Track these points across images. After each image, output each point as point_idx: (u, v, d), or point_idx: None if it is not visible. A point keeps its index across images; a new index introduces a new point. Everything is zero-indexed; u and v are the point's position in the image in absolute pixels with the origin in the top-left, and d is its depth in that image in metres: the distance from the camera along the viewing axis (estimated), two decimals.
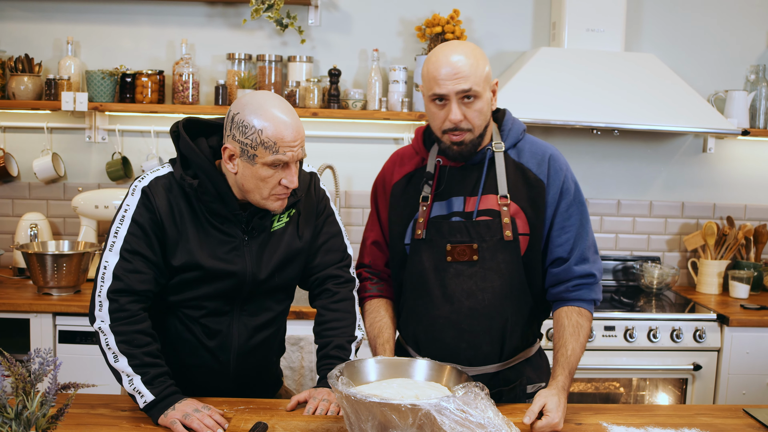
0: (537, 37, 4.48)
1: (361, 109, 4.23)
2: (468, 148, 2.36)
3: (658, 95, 4.09)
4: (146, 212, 2.24)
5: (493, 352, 2.44)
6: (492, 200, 2.40)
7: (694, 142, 4.66)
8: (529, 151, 2.47)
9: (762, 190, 4.73)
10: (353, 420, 1.97)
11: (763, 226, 4.59)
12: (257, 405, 2.33)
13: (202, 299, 2.34)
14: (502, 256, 2.39)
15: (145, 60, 4.29)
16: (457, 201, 2.43)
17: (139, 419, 2.19)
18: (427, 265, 2.42)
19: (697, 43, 4.59)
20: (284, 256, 2.39)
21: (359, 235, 4.43)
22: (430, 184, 2.44)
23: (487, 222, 2.38)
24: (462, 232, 2.39)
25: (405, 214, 2.47)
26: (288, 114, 2.19)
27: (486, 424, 1.86)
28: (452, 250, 2.39)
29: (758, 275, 4.48)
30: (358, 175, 4.45)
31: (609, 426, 2.25)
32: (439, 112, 2.32)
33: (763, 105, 4.56)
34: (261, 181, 2.21)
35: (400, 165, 2.55)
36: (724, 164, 4.70)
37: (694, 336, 3.91)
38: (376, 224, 2.60)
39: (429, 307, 2.43)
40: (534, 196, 2.41)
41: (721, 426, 2.30)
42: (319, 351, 2.42)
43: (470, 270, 2.39)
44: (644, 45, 4.54)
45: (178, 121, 2.32)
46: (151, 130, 4.26)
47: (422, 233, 2.42)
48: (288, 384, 3.45)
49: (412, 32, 4.36)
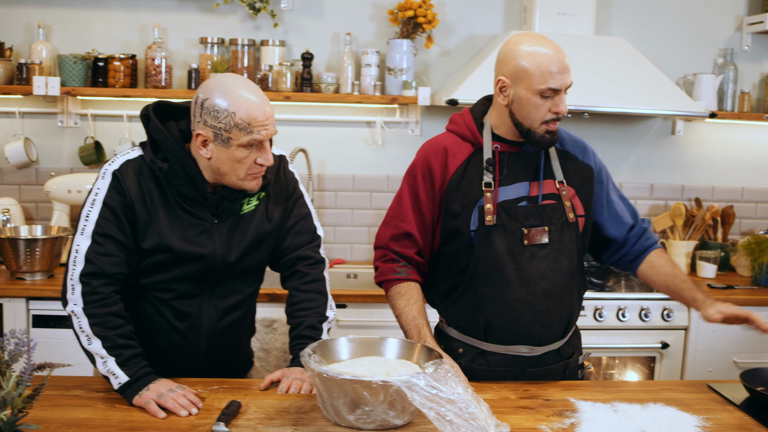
0: (508, 21, 4.51)
1: (334, 93, 4.25)
2: (556, 136, 2.48)
3: (627, 78, 4.14)
4: (117, 195, 2.26)
5: (560, 329, 2.55)
6: (551, 185, 2.53)
7: (663, 124, 4.72)
8: (570, 140, 2.63)
9: (729, 172, 4.80)
10: (325, 397, 2.01)
11: (730, 207, 4.66)
12: (231, 385, 2.35)
13: (171, 282, 2.36)
14: (567, 236, 2.50)
15: (117, 44, 4.28)
16: (522, 186, 2.51)
17: (114, 400, 2.21)
18: (500, 250, 2.46)
19: (666, 26, 4.64)
20: (254, 239, 2.41)
21: (333, 218, 4.47)
22: (492, 170, 2.49)
23: (553, 205, 2.49)
24: (534, 215, 2.47)
25: (468, 202, 2.49)
26: (256, 94, 2.22)
27: (455, 400, 1.90)
28: (528, 233, 2.46)
29: (725, 255, 4.55)
30: (331, 159, 4.47)
31: (577, 401, 2.30)
32: (544, 104, 2.40)
33: (730, 88, 4.62)
34: (237, 162, 2.24)
35: (452, 155, 2.54)
36: (692, 146, 4.76)
37: (662, 315, 3.97)
38: (415, 215, 2.57)
39: (505, 291, 2.47)
40: (585, 180, 2.58)
41: (685, 400, 2.35)
42: (292, 331, 2.45)
43: (543, 252, 2.47)
44: (614, 29, 4.58)
45: (148, 105, 2.33)
46: (124, 115, 4.25)
47: (493, 219, 2.45)
48: (262, 366, 3.48)
49: (385, 16, 4.38)
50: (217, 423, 1.99)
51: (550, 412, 2.22)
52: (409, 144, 4.50)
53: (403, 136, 4.49)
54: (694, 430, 2.13)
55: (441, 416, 1.87)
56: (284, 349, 3.51)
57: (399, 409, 1.97)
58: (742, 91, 4.64)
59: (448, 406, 1.88)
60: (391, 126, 4.48)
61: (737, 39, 4.70)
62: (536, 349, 2.51)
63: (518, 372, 2.52)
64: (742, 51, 4.69)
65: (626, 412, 2.22)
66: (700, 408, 2.30)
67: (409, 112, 4.45)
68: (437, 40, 4.44)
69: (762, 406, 2.32)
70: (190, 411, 2.13)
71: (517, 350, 2.50)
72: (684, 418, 2.20)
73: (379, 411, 1.96)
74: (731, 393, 2.42)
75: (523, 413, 2.21)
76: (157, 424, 2.07)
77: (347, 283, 4.35)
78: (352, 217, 4.52)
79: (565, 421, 2.16)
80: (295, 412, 2.12)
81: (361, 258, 4.56)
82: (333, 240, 4.52)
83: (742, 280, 4.42)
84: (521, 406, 2.26)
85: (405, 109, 4.45)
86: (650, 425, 2.13)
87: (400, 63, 4.24)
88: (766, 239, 4.29)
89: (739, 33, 4.70)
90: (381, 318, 3.80)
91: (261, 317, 3.47)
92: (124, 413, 2.14)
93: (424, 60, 4.46)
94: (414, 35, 4.28)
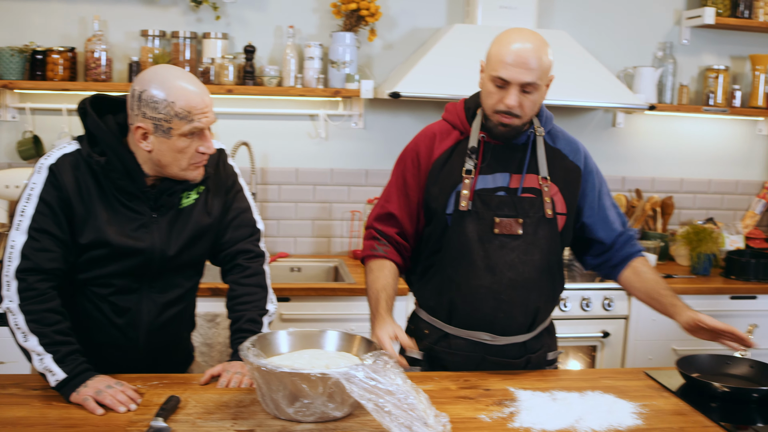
0: (451, 14, 4.53)
1: (277, 86, 4.23)
2: (512, 133, 2.47)
3: (569, 71, 4.17)
4: (53, 190, 2.23)
5: (526, 323, 2.55)
6: (533, 179, 2.53)
7: (604, 116, 4.78)
8: (563, 138, 2.63)
9: (669, 163, 4.88)
10: (265, 391, 2.01)
11: (669, 198, 4.74)
12: (171, 380, 2.34)
13: (110, 277, 2.33)
14: (542, 232, 2.50)
15: (56, 37, 4.21)
16: (502, 176, 2.52)
17: (51, 398, 2.18)
18: (471, 236, 2.48)
19: (607, 20, 4.70)
20: (193, 233, 2.40)
21: (276, 211, 4.46)
22: (474, 158, 2.51)
23: (531, 199, 2.50)
24: (509, 206, 2.49)
25: (447, 186, 2.52)
26: (193, 83, 2.22)
27: (394, 391, 1.91)
28: (499, 223, 2.47)
29: (665, 245, 4.63)
30: (274, 152, 4.45)
31: (516, 391, 2.32)
32: (496, 93, 2.41)
33: (670, 81, 4.70)
34: (179, 152, 2.22)
35: (439, 140, 2.58)
36: (632, 138, 4.83)
37: (603, 305, 4.03)
38: (400, 197, 2.61)
39: (470, 276, 2.49)
40: (571, 180, 2.57)
41: (622, 387, 2.39)
42: (232, 325, 2.44)
43: (514, 243, 2.48)
44: (556, 22, 4.63)
45: (85, 98, 2.30)
46: (63, 108, 4.19)
47: (467, 205, 2.48)
48: (205, 360, 3.46)
49: (328, 9, 4.37)
50: (155, 418, 1.98)
51: (490, 402, 2.24)
52: (353, 137, 4.50)
53: (346, 129, 4.49)
54: (630, 416, 2.16)
55: (380, 407, 1.87)
56: (227, 343, 3.48)
57: (338, 401, 1.98)
58: (681, 84, 4.72)
59: (386, 397, 1.89)
60: (334, 119, 4.47)
61: (676, 33, 4.77)
62: (499, 339, 2.53)
63: (479, 359, 2.54)
64: (681, 44, 4.77)
65: (565, 400, 2.25)
66: (637, 395, 2.34)
67: (353, 105, 4.45)
68: (380, 33, 4.44)
69: (697, 392, 2.37)
70: (128, 407, 2.10)
71: (479, 337, 2.52)
72: (621, 405, 2.23)
73: (318, 403, 1.96)
74: (668, 380, 2.46)
75: (462, 403, 2.23)
76: (95, 421, 2.05)
77: (291, 276, 4.34)
78: (295, 210, 4.51)
79: (504, 410, 2.18)
80: (234, 406, 2.11)
81: (305, 251, 4.55)
82: (277, 233, 4.50)
83: (681, 269, 4.50)
84: (461, 396, 2.28)
85: (348, 102, 4.45)
86: (588, 412, 2.16)
87: (343, 56, 4.24)
88: (705, 229, 4.38)
89: (678, 27, 4.77)
90: (324, 311, 3.80)
91: (203, 312, 3.45)
92: (62, 411, 2.11)
93: (367, 53, 4.46)
94: (357, 28, 4.28)
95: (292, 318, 3.79)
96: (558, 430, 2.06)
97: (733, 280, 4.28)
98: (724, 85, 4.71)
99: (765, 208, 4.96)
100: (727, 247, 4.60)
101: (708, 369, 2.50)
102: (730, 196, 4.99)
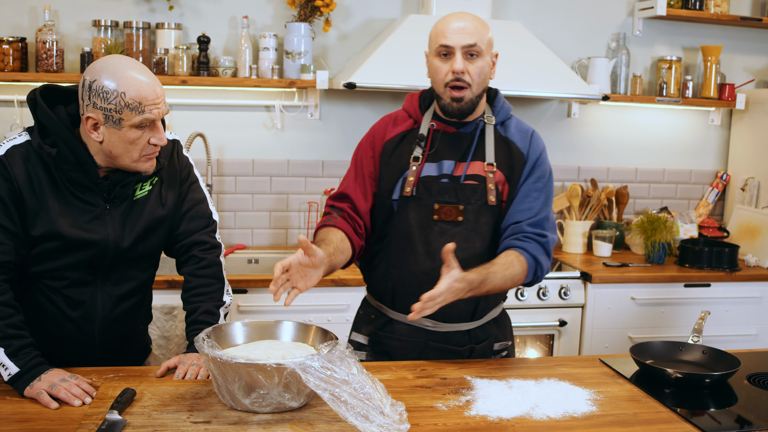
0: (406, 5, 4.53)
1: (232, 77, 4.20)
2: (467, 106, 2.48)
3: (524, 62, 4.20)
4: (3, 182, 2.20)
5: (468, 311, 2.55)
6: (479, 167, 2.53)
7: (559, 107, 4.81)
8: (515, 127, 2.61)
9: (623, 153, 4.93)
10: (221, 382, 2.00)
11: (624, 188, 4.79)
12: (126, 373, 2.32)
13: (63, 269, 2.31)
14: (484, 219, 2.51)
15: (6, 27, 4.14)
16: (448, 164, 2.53)
17: (4, 392, 2.15)
18: (413, 222, 2.50)
19: (561, 11, 4.73)
20: (147, 224, 2.38)
21: (232, 203, 4.43)
22: (423, 145, 2.54)
23: (474, 186, 2.50)
24: (450, 192, 2.49)
25: (395, 171, 2.54)
26: (144, 74, 2.19)
27: (350, 381, 1.91)
28: (439, 209, 2.49)
29: (620, 234, 4.68)
30: (229, 144, 4.42)
31: (473, 379, 2.33)
32: (443, 65, 2.45)
33: (623, 71, 4.74)
34: (130, 144, 2.20)
35: (393, 125, 2.63)
36: (587, 128, 4.87)
37: (560, 293, 4.07)
38: (357, 177, 2.61)
39: (411, 262, 2.51)
40: (515, 166, 2.55)
41: (578, 375, 2.41)
42: (188, 317, 2.43)
43: (454, 230, 2.49)
44: (510, 12, 4.65)
45: (36, 89, 2.27)
46: (14, 99, 4.12)
47: (411, 191, 2.50)
48: (162, 353, 3.44)
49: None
50: (110, 411, 1.95)
51: (447, 390, 2.25)
52: (309, 128, 4.48)
53: (302, 120, 4.48)
54: (585, 402, 2.18)
55: (336, 397, 1.87)
56: (184, 336, 3.48)
57: (294, 392, 1.98)
58: (635, 75, 4.77)
59: (343, 387, 1.89)
60: (290, 110, 4.45)
61: (629, 24, 4.82)
62: (441, 325, 2.54)
63: (422, 345, 2.55)
64: (634, 35, 4.82)
65: (521, 387, 2.27)
66: (592, 382, 2.36)
67: (308, 96, 4.43)
68: (335, 24, 4.43)
69: (651, 378, 2.39)
70: (83, 400, 2.08)
71: (421, 323, 2.54)
72: (576, 392, 2.26)
73: (274, 394, 1.96)
74: (622, 367, 2.49)
75: (419, 392, 2.23)
76: (50, 415, 2.02)
77: (248, 268, 4.33)
78: (252, 202, 4.49)
79: (461, 398, 2.19)
80: (191, 398, 2.10)
81: (263, 243, 4.53)
82: (234, 225, 4.48)
83: (636, 258, 4.55)
84: (418, 385, 2.28)
85: (304, 93, 4.43)
86: (544, 399, 2.18)
87: (298, 46, 4.22)
88: (659, 218, 4.43)
89: (631, 18, 4.82)
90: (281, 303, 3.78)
91: (160, 304, 3.43)
92: (15, 405, 2.08)
93: (322, 44, 4.44)
94: (312, 19, 4.26)
95: (249, 310, 3.77)
96: (514, 417, 2.07)
97: (687, 269, 4.34)
98: (676, 76, 4.76)
99: (718, 197, 5.03)
100: (681, 236, 4.66)
101: (661, 356, 2.54)
102: (683, 185, 5.05)
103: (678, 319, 4.22)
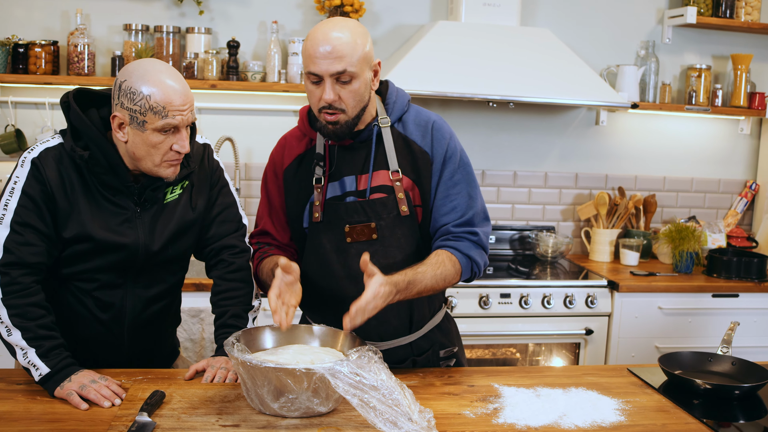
0: (435, 11, 4.53)
1: (261, 82, 4.22)
2: (343, 129, 2.32)
3: (552, 69, 4.20)
4: (36, 184, 2.21)
5: (402, 325, 2.48)
6: (384, 176, 2.39)
7: (587, 114, 4.79)
8: (414, 122, 2.45)
9: (651, 162, 4.91)
10: (249, 386, 2.00)
11: (652, 196, 4.76)
12: (155, 375, 2.33)
13: (94, 272, 2.32)
14: (400, 231, 2.40)
15: (38, 30, 4.19)
16: (349, 180, 2.41)
17: (35, 392, 2.17)
18: (328, 247, 2.42)
19: (590, 18, 4.71)
20: (177, 228, 2.39)
21: None
22: (322, 165, 2.41)
23: (383, 199, 2.37)
24: (359, 212, 2.38)
25: (300, 198, 2.45)
26: (175, 79, 2.19)
27: (379, 386, 1.91)
28: (351, 230, 2.38)
29: (647, 243, 4.65)
30: (257, 148, 4.44)
31: (500, 387, 2.33)
32: (315, 90, 2.28)
33: (652, 79, 4.72)
34: (152, 147, 2.21)
35: (288, 149, 2.51)
36: (615, 136, 4.85)
37: (586, 302, 4.05)
38: (271, 211, 2.55)
39: (335, 288, 2.42)
40: (421, 168, 2.41)
41: (605, 384, 2.40)
42: (217, 320, 2.44)
43: (371, 249, 2.35)
44: (539, 20, 4.64)
45: (69, 92, 2.29)
46: (46, 102, 4.17)
47: (320, 216, 2.40)
48: (189, 356, 3.45)
49: (312, 4, 4.36)
50: (140, 413, 1.97)
51: (474, 398, 2.24)
52: None
53: None
54: (613, 412, 2.17)
55: (365, 403, 1.88)
56: (212, 339, 3.49)
57: (323, 397, 1.98)
58: (664, 83, 4.74)
59: (371, 393, 1.89)
60: None
61: (659, 31, 4.80)
62: (380, 344, 2.46)
63: None
64: (663, 43, 4.80)
65: (548, 396, 2.26)
66: (620, 391, 2.35)
67: None
68: None
69: (680, 388, 2.38)
70: (113, 402, 2.10)
71: None
72: (604, 402, 2.24)
73: (303, 398, 1.96)
74: (650, 377, 2.48)
75: (447, 399, 2.23)
76: (80, 416, 2.04)
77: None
78: None
79: (488, 406, 2.18)
80: (219, 401, 2.11)
81: None
82: None
83: (663, 267, 4.53)
84: (445, 392, 2.28)
85: None
86: (572, 408, 2.17)
87: None
88: (687, 227, 4.40)
89: (660, 26, 4.80)
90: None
91: (188, 307, 3.45)
92: (46, 405, 2.10)
93: None
94: None
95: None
96: (542, 426, 2.06)
97: (715, 279, 4.31)
98: (705, 84, 4.73)
99: (746, 207, 4.99)
100: (710, 246, 4.63)
101: (690, 366, 2.52)
102: (712, 194, 5.02)
103: (705, 329, 4.19)
